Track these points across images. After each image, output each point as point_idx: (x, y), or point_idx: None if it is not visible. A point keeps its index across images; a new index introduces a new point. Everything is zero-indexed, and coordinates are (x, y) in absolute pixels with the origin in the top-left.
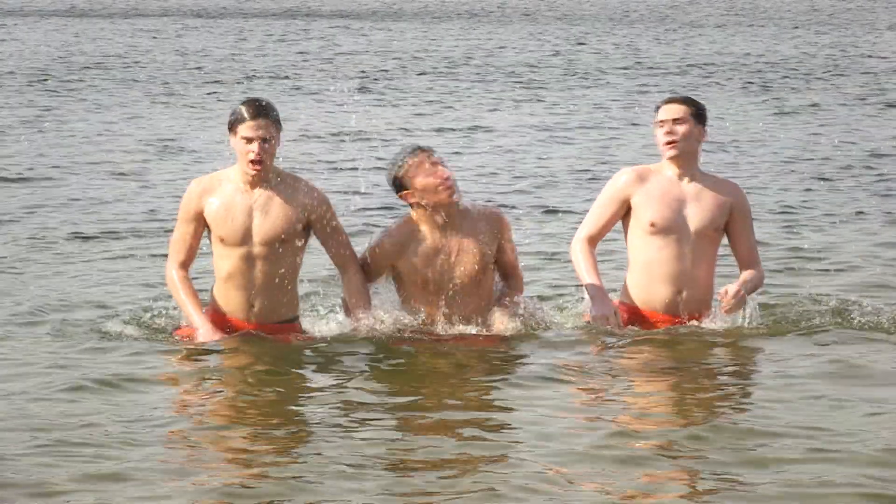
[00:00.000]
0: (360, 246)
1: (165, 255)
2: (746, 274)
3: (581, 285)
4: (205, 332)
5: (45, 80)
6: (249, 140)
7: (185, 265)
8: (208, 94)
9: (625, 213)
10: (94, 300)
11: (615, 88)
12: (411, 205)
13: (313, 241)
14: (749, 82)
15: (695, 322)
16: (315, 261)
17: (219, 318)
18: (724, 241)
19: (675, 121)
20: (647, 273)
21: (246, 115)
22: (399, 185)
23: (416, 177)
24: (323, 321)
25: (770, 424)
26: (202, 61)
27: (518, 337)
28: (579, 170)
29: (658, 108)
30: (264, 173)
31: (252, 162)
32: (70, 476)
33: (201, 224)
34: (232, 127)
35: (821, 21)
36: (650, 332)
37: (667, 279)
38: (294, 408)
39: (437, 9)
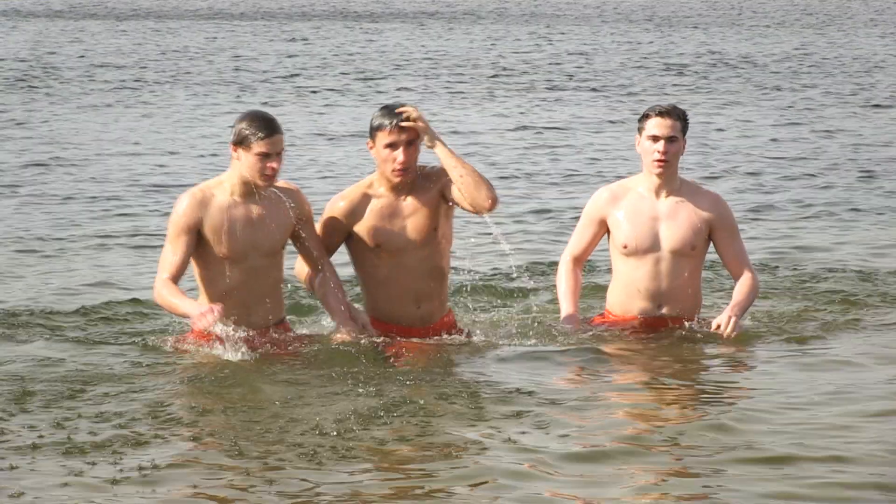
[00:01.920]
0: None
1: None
2: (738, 294)
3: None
4: (198, 315)
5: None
6: (267, 156)
7: (174, 280)
8: (190, 95)
9: (606, 230)
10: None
11: (608, 88)
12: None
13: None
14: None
15: (683, 330)
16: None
17: (209, 336)
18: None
19: (670, 139)
20: (626, 289)
21: (261, 132)
22: (370, 134)
23: (380, 142)
24: (309, 320)
25: (774, 440)
26: (189, 61)
27: (498, 348)
28: (570, 171)
29: (646, 116)
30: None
31: (269, 177)
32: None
33: (194, 238)
34: (243, 142)
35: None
36: (637, 342)
37: (645, 296)
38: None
39: (432, 9)
